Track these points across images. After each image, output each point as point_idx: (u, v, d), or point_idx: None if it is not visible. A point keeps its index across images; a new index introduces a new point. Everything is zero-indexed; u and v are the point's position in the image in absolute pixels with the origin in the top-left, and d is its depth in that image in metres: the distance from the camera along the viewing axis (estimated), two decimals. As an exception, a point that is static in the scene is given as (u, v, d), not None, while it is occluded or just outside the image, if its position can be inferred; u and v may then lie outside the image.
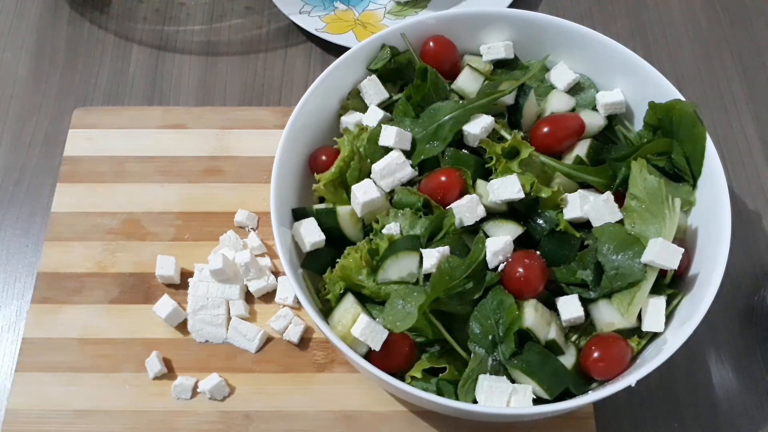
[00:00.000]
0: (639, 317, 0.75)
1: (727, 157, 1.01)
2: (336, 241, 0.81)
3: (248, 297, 0.90)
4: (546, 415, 0.73)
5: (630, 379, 0.69)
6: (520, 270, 0.74)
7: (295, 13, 1.11)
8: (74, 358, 0.86)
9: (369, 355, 0.74)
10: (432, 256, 0.74)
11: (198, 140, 1.00)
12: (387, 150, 0.82)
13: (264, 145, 0.98)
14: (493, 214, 0.79)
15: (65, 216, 0.94)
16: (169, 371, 0.85)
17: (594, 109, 0.87)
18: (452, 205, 0.78)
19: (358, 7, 1.14)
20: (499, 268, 0.75)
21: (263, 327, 0.87)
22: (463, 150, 0.82)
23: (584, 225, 0.78)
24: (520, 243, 0.77)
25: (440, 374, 0.75)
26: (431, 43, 0.89)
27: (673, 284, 0.76)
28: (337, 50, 1.04)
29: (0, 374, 0.89)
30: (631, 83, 0.86)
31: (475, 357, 0.74)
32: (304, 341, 0.87)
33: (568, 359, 0.75)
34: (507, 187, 0.76)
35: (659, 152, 0.80)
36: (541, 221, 0.78)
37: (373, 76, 0.88)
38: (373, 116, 0.85)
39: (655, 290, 0.74)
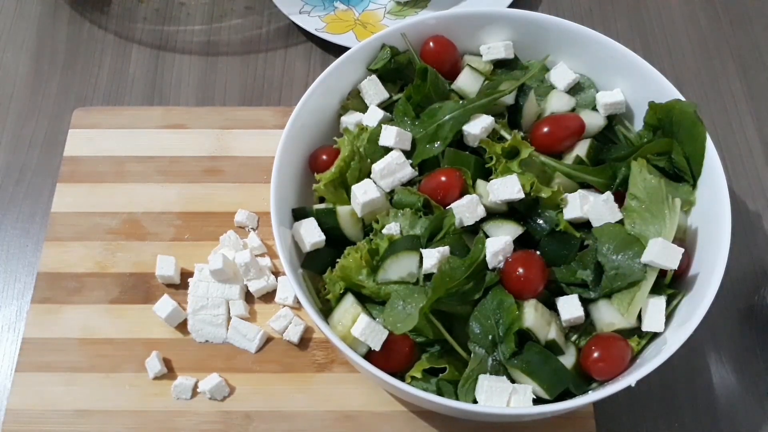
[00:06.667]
0: (639, 317, 0.74)
1: (727, 157, 1.01)
2: (336, 241, 0.81)
3: (248, 297, 0.90)
4: (546, 415, 0.73)
5: (630, 379, 0.69)
6: (520, 270, 0.74)
7: (295, 13, 1.11)
8: (74, 358, 0.86)
9: (369, 355, 0.74)
10: (432, 256, 0.74)
11: (198, 140, 1.00)
12: (387, 150, 0.82)
13: (264, 145, 0.98)
14: (493, 214, 0.79)
15: (65, 216, 0.94)
16: (169, 371, 0.85)
17: (594, 109, 0.87)
18: (452, 205, 0.77)
19: (358, 7, 1.14)
20: (499, 268, 0.76)
21: (263, 327, 0.87)
22: (464, 150, 0.82)
23: (584, 225, 0.78)
24: (520, 243, 0.77)
25: (440, 374, 0.75)
26: (431, 43, 0.89)
27: (673, 284, 0.76)
28: (337, 50, 1.04)
29: (0, 374, 0.89)
30: (631, 83, 0.85)
31: (475, 357, 0.74)
32: (304, 341, 0.87)
33: (568, 359, 0.75)
34: (507, 187, 0.76)
35: (659, 152, 0.80)
36: (541, 221, 0.78)
37: (373, 76, 0.88)
38: (373, 116, 0.85)
39: (655, 290, 0.74)
